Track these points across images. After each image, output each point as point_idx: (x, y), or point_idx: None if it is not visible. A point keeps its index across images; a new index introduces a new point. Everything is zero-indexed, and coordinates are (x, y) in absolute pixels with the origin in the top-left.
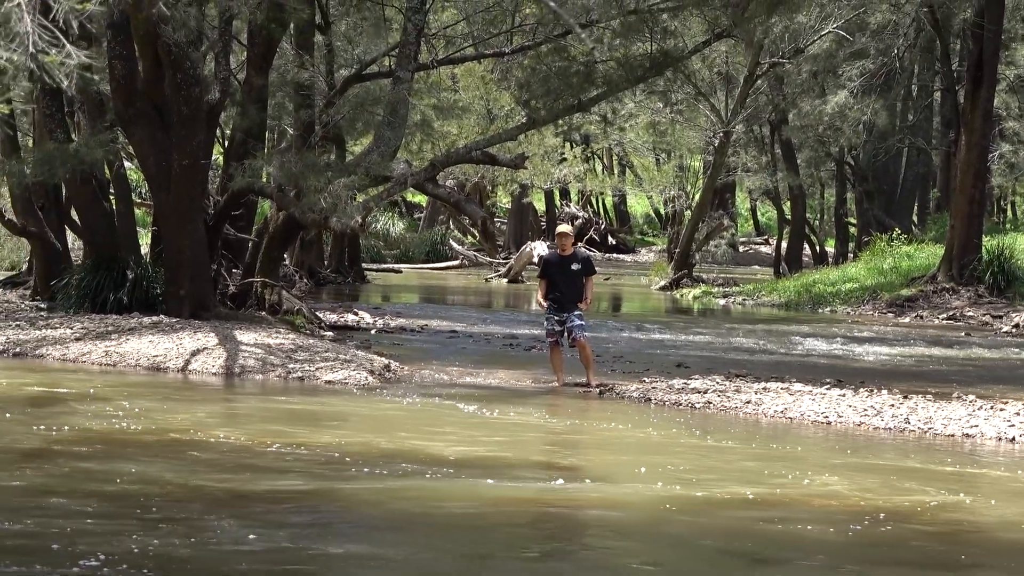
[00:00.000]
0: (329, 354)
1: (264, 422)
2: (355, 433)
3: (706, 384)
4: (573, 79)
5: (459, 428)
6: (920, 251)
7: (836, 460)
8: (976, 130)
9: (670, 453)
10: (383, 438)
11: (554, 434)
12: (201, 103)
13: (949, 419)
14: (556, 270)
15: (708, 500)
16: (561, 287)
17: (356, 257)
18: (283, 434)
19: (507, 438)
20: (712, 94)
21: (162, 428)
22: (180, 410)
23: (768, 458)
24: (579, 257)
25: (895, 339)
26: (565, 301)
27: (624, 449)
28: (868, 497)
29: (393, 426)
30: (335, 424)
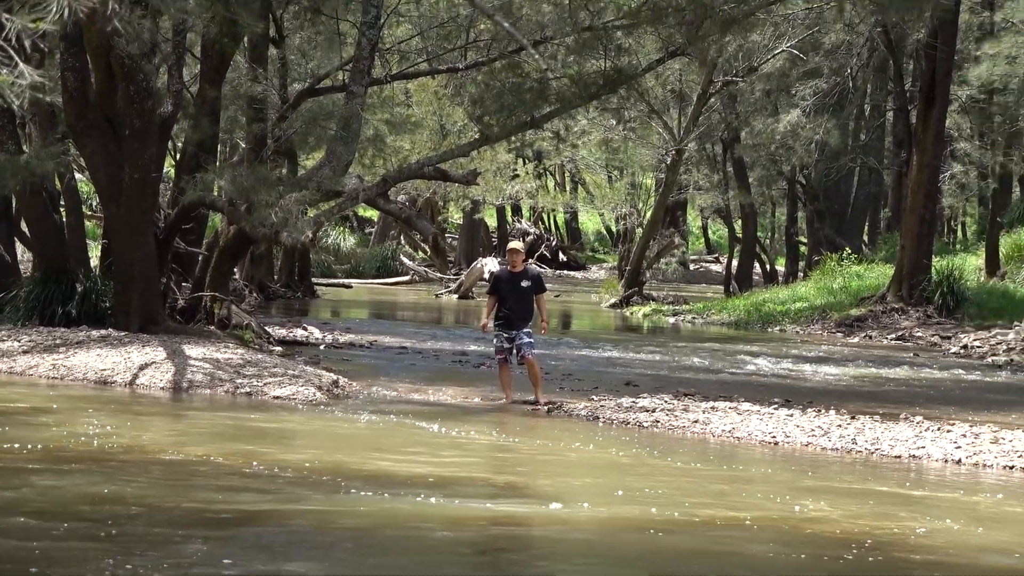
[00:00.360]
0: (277, 369)
1: (211, 439)
2: (303, 450)
3: (654, 403)
4: (526, 95)
5: (407, 445)
6: (870, 271)
7: (781, 479)
8: (928, 150)
9: (617, 472)
10: (331, 455)
11: (502, 452)
12: (154, 116)
13: (896, 440)
14: (506, 287)
15: (654, 520)
16: (511, 304)
17: (306, 272)
18: (232, 451)
19: (455, 456)
20: (665, 112)
21: (111, 444)
22: (128, 426)
23: (714, 478)
24: (530, 274)
25: (844, 359)
26: (514, 318)
27: (571, 468)
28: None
29: (341, 443)
30: (283, 441)
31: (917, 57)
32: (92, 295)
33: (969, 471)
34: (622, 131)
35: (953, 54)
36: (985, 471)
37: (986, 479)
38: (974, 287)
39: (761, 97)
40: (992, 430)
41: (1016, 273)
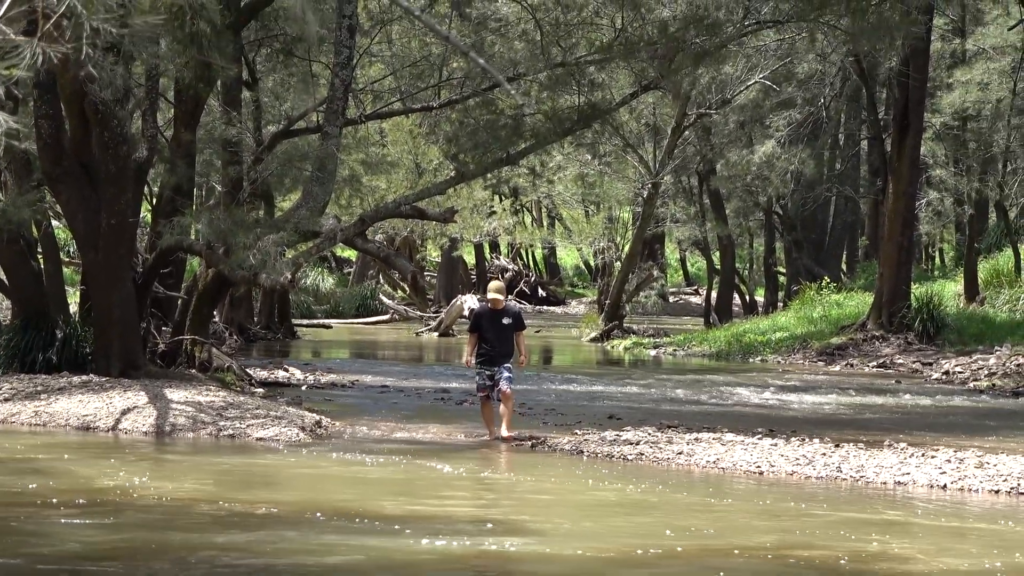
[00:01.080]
0: (260, 411)
1: (197, 481)
2: (287, 491)
3: (638, 435)
4: (501, 132)
5: (393, 484)
6: (850, 299)
7: (766, 507)
8: (903, 178)
9: (601, 506)
10: (316, 495)
11: (487, 489)
12: (129, 161)
13: (881, 467)
14: (488, 324)
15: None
16: (492, 341)
17: (286, 313)
18: (214, 492)
19: (440, 493)
20: (640, 145)
21: (94, 488)
22: (111, 470)
23: (698, 509)
24: (510, 312)
25: (826, 387)
26: (496, 355)
27: (555, 503)
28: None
29: (325, 483)
30: (266, 482)
31: (890, 86)
32: (72, 341)
33: (955, 496)
34: (598, 166)
35: (926, 82)
36: (971, 495)
37: (971, 503)
38: (954, 313)
39: (735, 129)
40: (976, 455)
41: (995, 298)
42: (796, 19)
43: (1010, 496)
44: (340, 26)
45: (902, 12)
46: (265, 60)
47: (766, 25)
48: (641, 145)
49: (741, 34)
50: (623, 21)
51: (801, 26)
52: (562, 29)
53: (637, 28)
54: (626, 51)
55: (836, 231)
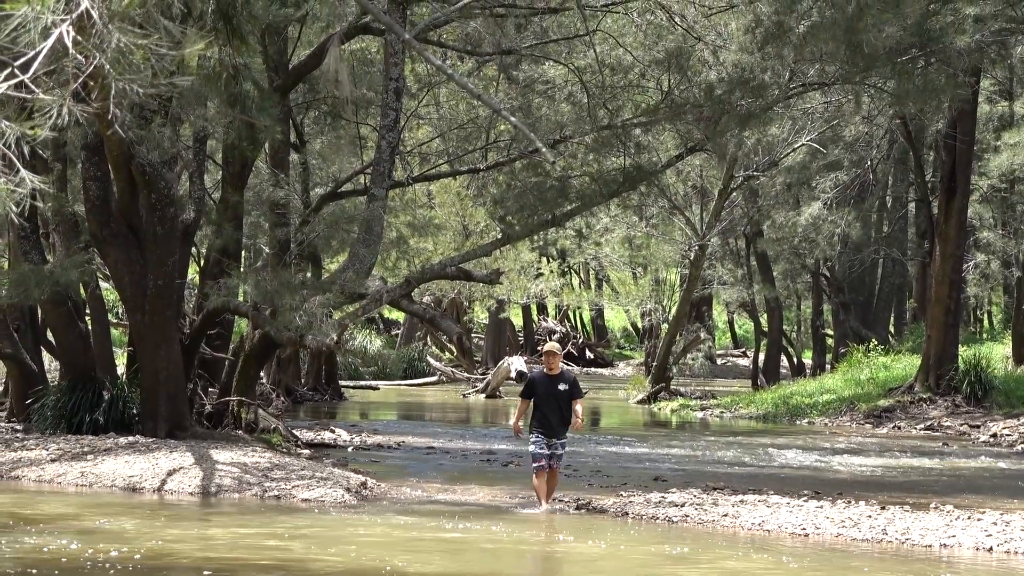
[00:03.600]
0: (305, 472)
1: (242, 541)
2: (333, 553)
3: (683, 497)
4: (547, 194)
5: (438, 546)
6: (897, 361)
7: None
8: (950, 240)
9: (645, 568)
10: (362, 558)
11: (531, 551)
12: (176, 222)
13: (927, 530)
14: (543, 390)
15: None
16: (549, 408)
17: (333, 374)
18: (259, 554)
19: (486, 556)
20: (687, 208)
21: (142, 551)
22: (155, 530)
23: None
24: (567, 378)
25: (873, 450)
26: (554, 424)
27: (599, 566)
28: None
29: (370, 545)
30: (312, 543)
31: (937, 148)
32: (119, 402)
33: (1000, 559)
34: (644, 228)
35: (973, 144)
36: (1017, 558)
37: (1018, 566)
38: (1002, 375)
39: (782, 191)
40: (1023, 517)
41: None
42: (842, 82)
43: None
44: (387, 88)
45: (948, 75)
46: (313, 123)
47: (812, 87)
48: (688, 207)
49: (787, 96)
50: (669, 84)
51: (847, 88)
52: (608, 92)
53: (683, 91)
54: (672, 113)
55: (884, 293)
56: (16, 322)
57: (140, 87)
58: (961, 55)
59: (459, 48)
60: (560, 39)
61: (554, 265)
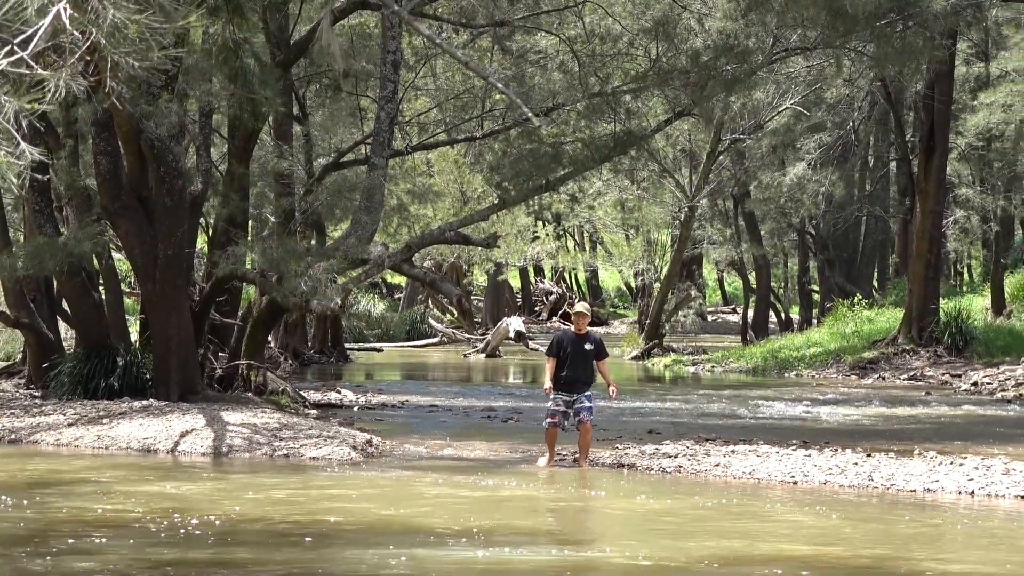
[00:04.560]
0: (313, 431)
1: (254, 499)
2: (343, 506)
3: (677, 449)
4: (541, 160)
5: (443, 500)
6: (881, 315)
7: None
8: (930, 197)
9: (643, 516)
10: (370, 510)
11: (533, 502)
12: (184, 194)
13: (911, 475)
14: (570, 349)
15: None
16: (574, 367)
17: (339, 337)
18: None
19: (490, 508)
20: (676, 170)
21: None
22: (171, 489)
23: (743, 516)
24: (592, 338)
25: (858, 400)
26: (576, 382)
27: (599, 514)
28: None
29: (378, 499)
30: (321, 499)
31: (916, 108)
32: (133, 368)
33: (982, 502)
34: (636, 191)
35: (951, 104)
36: (997, 501)
37: (999, 508)
38: (981, 326)
39: (768, 152)
40: (1003, 462)
41: (1021, 312)
42: (823, 46)
43: None
44: (385, 61)
45: (926, 38)
46: (315, 95)
47: (794, 52)
48: (677, 170)
49: (770, 61)
50: (657, 51)
51: (829, 53)
52: (598, 60)
53: (670, 58)
54: (660, 80)
55: (867, 250)
56: (32, 293)
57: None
58: (938, 18)
59: (453, 21)
60: (551, 10)
61: (549, 228)
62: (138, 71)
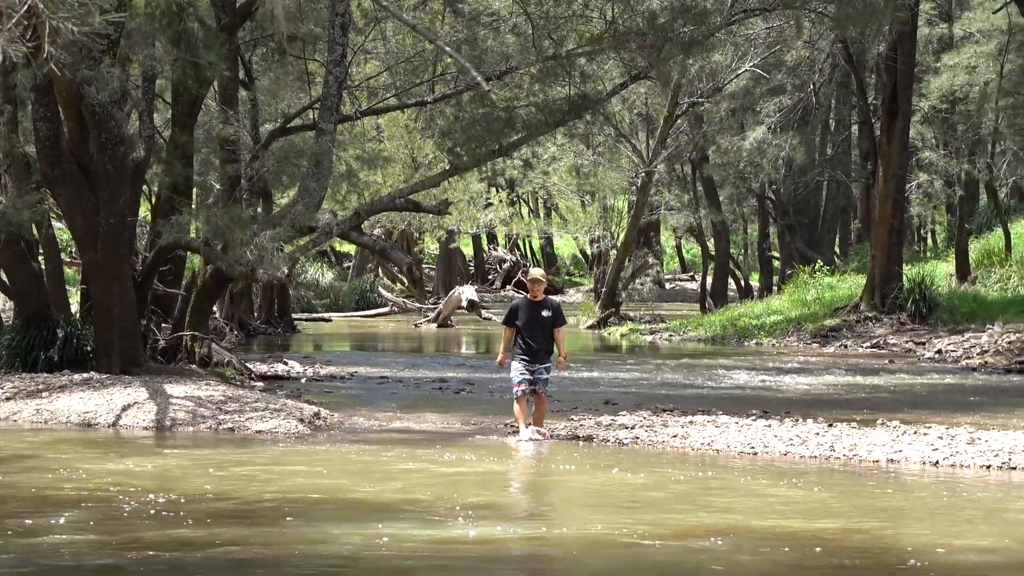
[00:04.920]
0: (259, 404)
1: (197, 474)
2: (286, 482)
3: (633, 420)
4: (494, 125)
5: (389, 473)
6: (843, 282)
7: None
8: (893, 161)
9: (595, 489)
10: (315, 486)
11: (482, 475)
12: (126, 161)
13: (874, 445)
14: (527, 317)
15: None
16: (531, 335)
17: (286, 308)
18: (216, 487)
19: (437, 481)
20: (633, 135)
21: (94, 484)
22: (111, 465)
23: (692, 490)
24: (550, 305)
25: (820, 368)
26: (537, 351)
27: (551, 488)
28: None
29: (323, 474)
30: (266, 473)
31: (878, 71)
32: (73, 339)
33: (947, 472)
34: (591, 156)
35: (913, 66)
36: (962, 471)
37: (963, 478)
38: (946, 293)
39: (727, 116)
40: (968, 431)
41: (986, 277)
42: (783, 6)
43: (1001, 471)
44: (333, 24)
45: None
46: (261, 59)
47: (753, 13)
48: (634, 135)
49: (728, 23)
50: (612, 13)
51: (788, 14)
52: (552, 22)
53: (626, 20)
54: (615, 42)
55: (828, 215)
56: None
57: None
58: None
59: None
60: None
61: (503, 195)
62: (78, 36)
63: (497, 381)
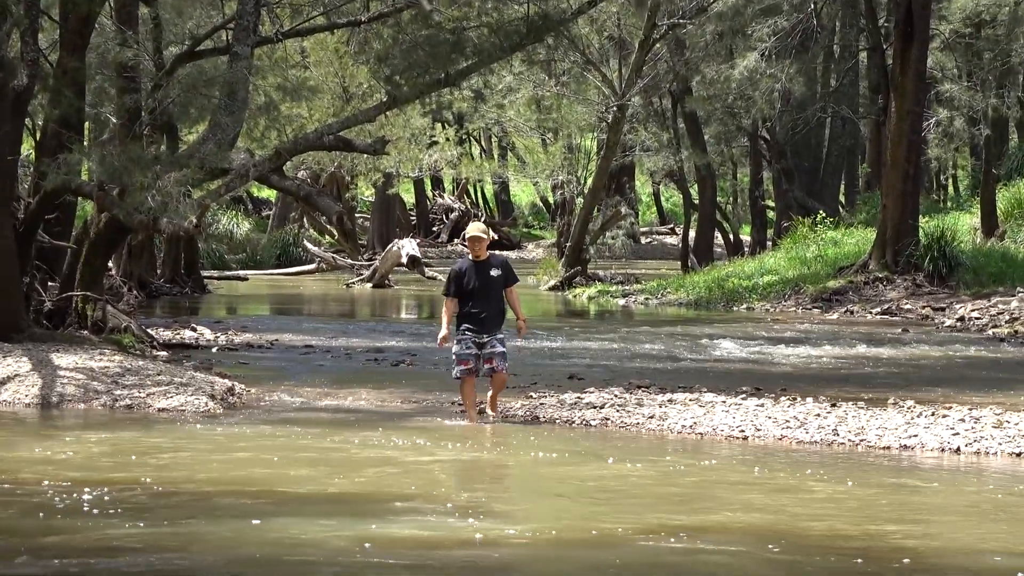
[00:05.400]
0: (162, 377)
1: (84, 459)
2: (197, 468)
3: (603, 398)
4: (440, 49)
5: (317, 460)
6: (849, 236)
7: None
8: (908, 95)
9: (557, 480)
10: (232, 475)
11: (426, 464)
12: (6, 90)
13: (884, 429)
14: (473, 281)
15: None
16: (480, 301)
17: (194, 264)
18: (109, 475)
19: (373, 469)
20: (603, 63)
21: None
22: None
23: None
24: (497, 262)
25: (821, 338)
26: (485, 318)
27: (504, 479)
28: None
29: (240, 461)
30: (172, 460)
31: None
32: None
33: (969, 460)
34: (554, 87)
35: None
36: (988, 459)
37: (989, 467)
38: (969, 250)
39: (713, 41)
40: (995, 413)
41: (1016, 232)
42: None
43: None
44: None
45: None
46: None
47: None
48: (604, 62)
49: None
50: None
51: None
52: None
53: None
54: None
55: (832, 158)
56: None
57: None
58: None
59: None
60: None
61: (450, 132)
62: None
63: (441, 352)
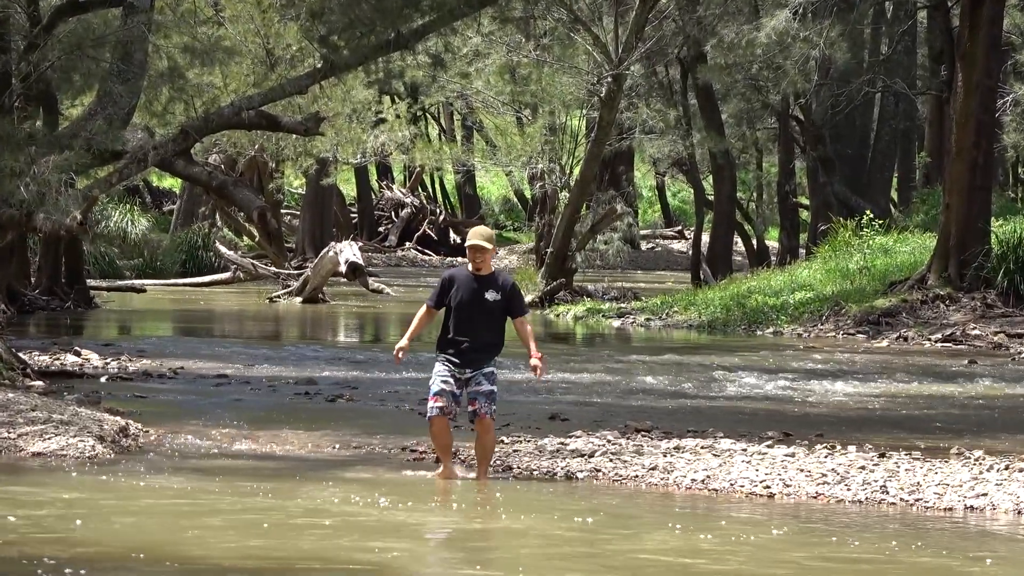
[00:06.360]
0: (38, 414)
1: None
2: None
3: (592, 444)
4: (389, 3)
5: (227, 520)
6: (902, 243)
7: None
8: (978, 65)
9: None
10: (123, 539)
11: (365, 528)
12: None
13: (945, 486)
14: (465, 297)
15: None
16: (466, 326)
17: (78, 271)
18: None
19: (301, 533)
20: (595, 21)
21: None
22: None
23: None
24: (501, 283)
25: (867, 371)
26: (468, 350)
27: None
28: None
29: (136, 520)
30: (48, 519)
31: None
32: None
33: None
34: (533, 51)
35: None
36: None
37: None
38: None
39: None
40: None
41: None
42: None
43: None
44: None
45: None
46: None
47: None
48: (597, 21)
49: None
50: None
51: None
52: None
53: None
54: None
55: (882, 144)
56: None
57: None
58: None
59: None
60: None
61: (401, 108)
62: None
63: (390, 383)
